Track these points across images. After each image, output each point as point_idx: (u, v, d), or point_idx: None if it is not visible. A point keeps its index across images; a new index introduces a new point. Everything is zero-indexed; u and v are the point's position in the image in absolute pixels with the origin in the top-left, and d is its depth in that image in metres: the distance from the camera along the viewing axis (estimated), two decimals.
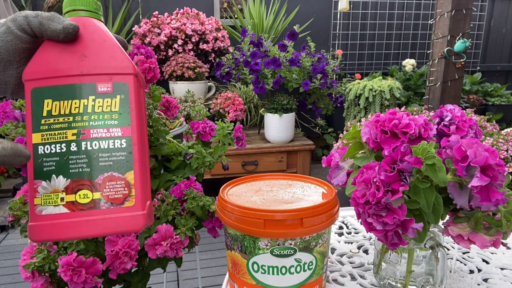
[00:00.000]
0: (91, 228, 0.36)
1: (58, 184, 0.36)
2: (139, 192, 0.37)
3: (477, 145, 0.40)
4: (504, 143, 1.28)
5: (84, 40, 0.38)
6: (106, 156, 0.36)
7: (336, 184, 0.52)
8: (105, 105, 0.37)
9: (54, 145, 0.36)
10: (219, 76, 2.34)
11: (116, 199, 0.36)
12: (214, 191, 2.64)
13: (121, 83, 0.38)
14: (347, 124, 2.18)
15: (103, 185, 0.36)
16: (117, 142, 0.37)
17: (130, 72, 0.38)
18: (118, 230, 0.36)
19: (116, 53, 0.38)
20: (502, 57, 3.97)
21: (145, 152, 0.39)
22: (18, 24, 0.36)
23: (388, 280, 0.54)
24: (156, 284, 1.59)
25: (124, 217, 0.36)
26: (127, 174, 0.37)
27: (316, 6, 3.49)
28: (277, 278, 0.47)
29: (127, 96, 0.38)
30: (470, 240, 0.45)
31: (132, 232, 0.36)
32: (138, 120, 0.38)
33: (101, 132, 0.37)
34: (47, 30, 0.36)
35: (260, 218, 0.45)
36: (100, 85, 0.37)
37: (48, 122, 0.37)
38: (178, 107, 0.81)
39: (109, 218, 0.36)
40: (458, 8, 2.04)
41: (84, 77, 0.37)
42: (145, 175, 0.38)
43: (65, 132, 0.36)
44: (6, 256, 1.91)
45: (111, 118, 0.37)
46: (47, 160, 0.36)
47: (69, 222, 0.36)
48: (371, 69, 3.67)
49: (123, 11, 3.01)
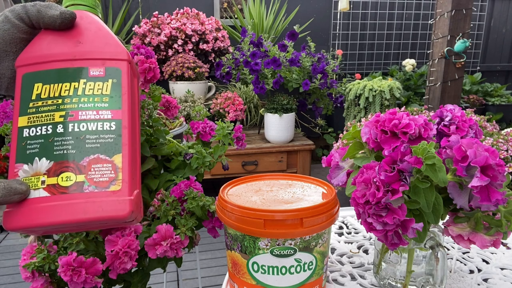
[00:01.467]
0: (72, 212, 0.33)
1: (40, 166, 0.34)
2: (127, 177, 0.35)
3: (477, 145, 0.40)
4: (504, 143, 1.28)
5: (80, 29, 0.38)
6: (94, 138, 0.35)
7: (336, 184, 0.52)
8: (96, 88, 0.36)
9: (40, 127, 0.35)
10: (219, 76, 2.34)
11: (101, 182, 0.34)
12: (214, 191, 2.64)
13: (114, 68, 0.37)
14: (347, 124, 2.18)
15: (88, 168, 0.34)
16: (106, 124, 0.36)
17: (124, 58, 0.38)
18: (102, 215, 0.33)
19: (110, 40, 0.38)
20: (502, 57, 3.97)
21: (136, 138, 0.38)
22: (16, 13, 0.36)
23: (388, 280, 0.54)
24: (156, 284, 1.59)
25: (108, 201, 0.33)
26: (115, 157, 0.35)
27: (316, 6, 3.49)
28: (277, 278, 0.47)
29: (120, 80, 0.37)
30: (470, 240, 0.45)
31: (117, 219, 0.34)
32: (129, 104, 0.37)
33: (90, 114, 0.35)
34: (45, 16, 0.36)
35: (260, 218, 0.45)
36: (93, 69, 0.37)
37: (36, 105, 0.35)
38: (178, 107, 0.81)
39: (93, 202, 0.33)
40: (458, 8, 2.04)
41: (76, 62, 0.36)
42: (134, 160, 0.36)
43: (53, 114, 0.35)
44: (6, 256, 1.91)
45: (102, 101, 0.36)
46: (31, 143, 0.34)
47: (48, 206, 0.33)
48: (371, 69, 3.67)
49: (123, 11, 3.01)
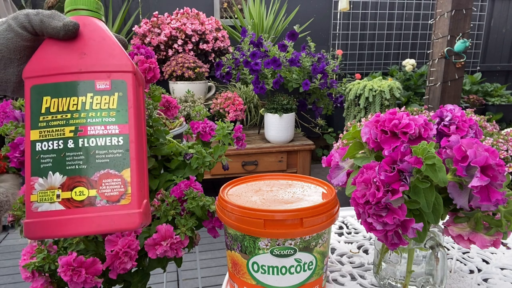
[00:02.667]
0: (86, 225, 0.35)
1: (55, 181, 0.36)
2: (135, 190, 0.36)
3: (477, 145, 0.40)
4: (504, 143, 1.28)
5: (84, 38, 0.38)
6: (103, 153, 0.36)
7: (336, 184, 0.52)
8: (103, 102, 0.37)
9: (51, 142, 0.36)
10: (219, 76, 2.33)
11: (112, 197, 0.36)
12: (214, 191, 2.64)
13: (119, 81, 0.38)
14: (347, 124, 2.18)
15: (99, 182, 0.36)
16: (114, 140, 0.37)
17: (129, 70, 0.38)
18: (114, 228, 0.36)
19: (115, 51, 0.38)
20: (502, 57, 3.97)
21: (143, 150, 0.39)
22: (19, 22, 0.36)
23: (388, 280, 0.54)
24: (156, 284, 1.59)
25: (119, 215, 0.36)
26: (124, 172, 0.36)
27: (316, 6, 3.49)
28: (277, 278, 0.47)
29: (125, 93, 0.38)
30: (470, 240, 0.45)
31: (127, 230, 0.36)
32: (136, 118, 0.38)
33: (98, 129, 0.37)
34: (48, 27, 0.36)
35: (260, 218, 0.45)
36: (99, 82, 0.37)
37: (46, 119, 0.36)
38: (178, 107, 0.81)
39: (105, 215, 0.35)
40: (458, 8, 2.04)
41: (82, 75, 0.37)
42: (142, 173, 0.38)
43: (63, 129, 0.36)
44: (6, 256, 1.90)
45: (109, 116, 0.37)
46: (44, 157, 0.36)
47: (65, 219, 0.35)
48: (371, 69, 3.67)
49: (123, 11, 3.01)
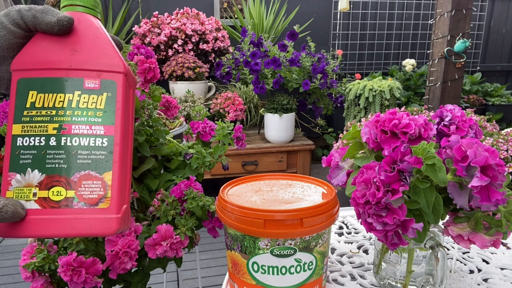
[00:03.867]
0: (61, 227, 0.34)
1: (33, 178, 0.35)
2: (116, 194, 0.35)
3: (477, 145, 0.40)
4: (504, 143, 1.28)
5: (77, 35, 0.37)
6: (85, 153, 0.35)
7: (336, 184, 0.52)
8: (90, 101, 0.36)
9: (33, 137, 0.35)
10: (219, 76, 2.34)
11: (90, 199, 0.35)
12: (214, 191, 2.64)
13: (109, 81, 0.37)
14: (347, 124, 2.18)
15: (78, 184, 0.35)
16: (98, 140, 0.36)
17: (120, 71, 0.37)
18: (89, 232, 0.34)
19: (107, 51, 0.37)
20: (502, 57, 3.97)
21: (127, 154, 0.38)
22: (11, 19, 0.36)
23: (388, 280, 0.54)
24: (156, 284, 1.59)
25: (96, 219, 0.34)
26: (105, 175, 0.35)
27: (316, 6, 3.49)
28: (277, 278, 0.47)
29: (114, 94, 0.37)
30: (470, 240, 0.45)
31: (103, 235, 0.35)
32: (123, 120, 0.37)
33: (83, 128, 0.35)
34: (41, 23, 0.35)
35: (260, 218, 0.45)
36: (88, 81, 0.36)
37: (30, 114, 0.35)
38: (178, 107, 0.81)
39: (81, 218, 0.34)
40: (458, 8, 2.04)
41: (72, 72, 0.36)
42: (124, 177, 0.37)
43: (46, 125, 0.35)
44: (6, 256, 1.91)
45: (95, 116, 0.36)
46: (24, 153, 0.35)
47: (39, 219, 0.34)
48: (371, 69, 3.67)
49: (123, 11, 3.01)
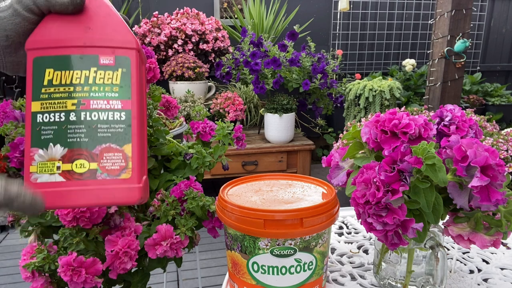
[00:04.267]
0: (86, 197, 0.35)
1: (55, 152, 0.36)
2: (136, 165, 0.36)
3: (477, 145, 0.40)
4: (504, 143, 1.28)
5: (89, 13, 0.38)
6: (105, 127, 0.36)
7: (336, 184, 0.52)
8: (107, 77, 0.37)
9: (53, 114, 0.36)
10: (219, 76, 2.33)
11: (113, 170, 0.36)
12: (214, 191, 2.64)
13: (123, 57, 0.38)
14: (347, 124, 2.18)
15: (100, 156, 0.36)
16: (117, 114, 0.37)
17: (133, 47, 0.38)
18: (113, 201, 0.36)
19: (120, 28, 0.38)
20: (502, 57, 3.97)
21: (143, 126, 0.39)
22: (24, 5, 0.36)
23: (388, 280, 0.54)
24: (156, 284, 1.59)
25: (120, 189, 0.36)
26: (125, 147, 0.37)
27: (316, 6, 3.49)
28: (277, 278, 0.47)
29: (129, 70, 0.38)
30: (470, 240, 0.45)
31: (127, 204, 0.37)
32: (138, 94, 0.38)
33: (101, 103, 0.37)
34: (55, 5, 0.36)
35: (260, 218, 0.45)
36: (103, 57, 0.37)
37: (49, 91, 0.36)
38: (178, 107, 0.81)
39: (105, 188, 0.36)
40: (458, 8, 2.04)
41: (86, 49, 0.37)
42: (142, 149, 0.38)
43: (65, 101, 0.36)
44: (6, 256, 1.90)
45: (112, 91, 0.37)
46: (45, 129, 0.36)
47: (64, 191, 0.35)
48: (371, 69, 3.67)
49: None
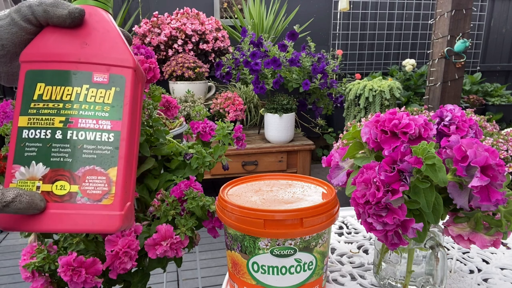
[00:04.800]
0: (63, 222, 0.33)
1: (37, 171, 0.34)
2: (120, 191, 0.35)
3: (477, 145, 0.40)
4: (504, 143, 1.28)
5: (87, 28, 0.37)
6: (91, 148, 0.35)
7: (336, 184, 0.52)
8: (98, 95, 0.36)
9: (39, 130, 0.35)
10: (219, 76, 2.33)
11: (94, 195, 0.34)
12: (214, 191, 2.64)
13: (118, 76, 0.36)
14: (347, 124, 2.18)
15: (82, 178, 0.34)
16: (105, 135, 0.35)
17: (129, 66, 0.37)
18: (92, 228, 0.34)
19: (117, 45, 0.37)
20: (502, 57, 3.97)
21: (133, 150, 0.37)
22: (22, 15, 0.36)
23: (388, 280, 0.54)
24: (156, 284, 1.59)
25: (99, 215, 0.34)
26: (110, 170, 0.35)
27: (316, 6, 3.49)
28: (277, 278, 0.47)
29: (123, 89, 0.36)
30: (470, 240, 0.45)
31: (105, 232, 0.34)
32: (130, 115, 0.36)
33: (89, 122, 0.35)
34: (53, 17, 0.36)
35: (260, 218, 0.45)
36: (97, 74, 0.36)
37: (37, 106, 0.35)
38: (178, 107, 0.81)
39: (84, 214, 0.34)
40: (458, 8, 2.04)
41: (81, 65, 0.36)
42: (129, 174, 0.36)
43: (53, 118, 0.35)
44: (6, 256, 1.90)
45: (102, 110, 0.36)
46: (29, 145, 0.34)
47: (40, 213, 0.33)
48: (371, 69, 3.67)
49: (123, 11, 3.01)
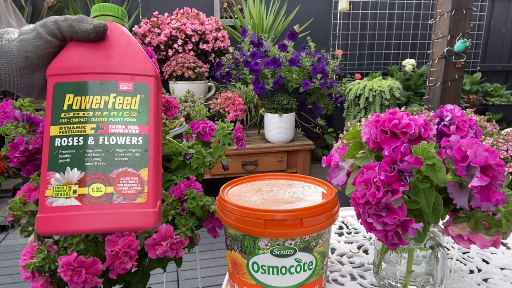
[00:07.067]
0: (102, 222, 0.35)
1: (72, 176, 0.36)
2: (152, 190, 0.37)
3: (477, 145, 0.40)
4: (504, 143, 1.28)
5: (110, 42, 0.39)
6: (122, 151, 0.37)
7: (336, 184, 0.52)
8: (125, 102, 0.38)
9: (71, 138, 0.37)
10: (219, 76, 2.33)
11: (129, 195, 0.36)
12: (214, 191, 2.64)
13: (142, 84, 0.39)
14: (347, 124, 2.18)
15: (117, 180, 0.36)
16: (134, 139, 0.38)
17: (152, 74, 0.40)
18: (129, 226, 0.36)
19: (139, 56, 0.40)
20: (502, 57, 3.97)
21: (159, 151, 0.40)
22: (48, 29, 0.37)
23: (388, 280, 0.54)
24: (156, 284, 1.59)
25: (135, 213, 0.36)
26: (141, 171, 0.37)
27: (316, 6, 3.49)
28: (277, 278, 0.47)
29: (147, 96, 0.39)
30: (470, 240, 0.45)
31: (142, 229, 0.37)
32: (155, 119, 0.39)
33: (119, 128, 0.38)
34: (78, 31, 0.38)
35: (260, 218, 0.45)
36: (122, 83, 0.39)
37: (68, 116, 0.37)
38: (178, 107, 0.81)
39: (121, 213, 0.36)
40: (458, 8, 2.04)
41: (107, 75, 0.38)
42: (158, 173, 0.39)
43: (84, 126, 0.37)
44: (6, 256, 1.90)
45: (130, 116, 0.38)
46: (63, 153, 0.37)
47: (80, 215, 0.35)
48: (371, 69, 3.67)
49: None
